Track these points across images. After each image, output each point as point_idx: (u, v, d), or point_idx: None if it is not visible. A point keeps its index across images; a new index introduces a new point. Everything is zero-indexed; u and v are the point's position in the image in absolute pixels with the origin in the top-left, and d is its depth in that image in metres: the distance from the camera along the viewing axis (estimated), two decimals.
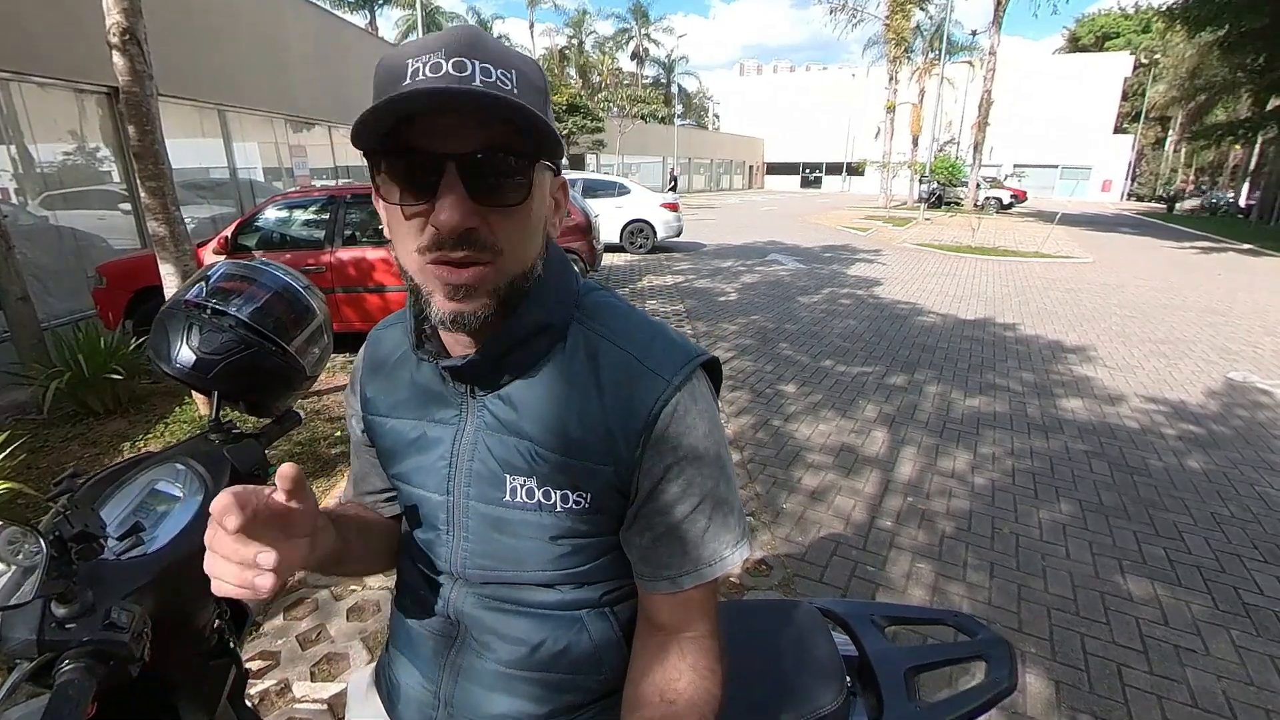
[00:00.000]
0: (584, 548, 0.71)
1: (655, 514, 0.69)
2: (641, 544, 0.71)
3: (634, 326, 0.72)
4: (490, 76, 0.56)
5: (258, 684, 2.09)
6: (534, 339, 0.68)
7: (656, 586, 0.71)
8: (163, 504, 0.96)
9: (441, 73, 0.55)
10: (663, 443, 0.66)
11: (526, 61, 0.60)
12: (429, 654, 0.79)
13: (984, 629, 1.07)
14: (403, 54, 0.57)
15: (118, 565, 0.83)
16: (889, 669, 0.99)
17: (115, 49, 3.37)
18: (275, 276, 1.13)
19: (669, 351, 0.69)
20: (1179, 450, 4.07)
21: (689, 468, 0.68)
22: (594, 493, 0.68)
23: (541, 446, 0.68)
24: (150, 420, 4.15)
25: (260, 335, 1.04)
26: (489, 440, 0.70)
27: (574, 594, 0.73)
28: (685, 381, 0.68)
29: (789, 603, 1.08)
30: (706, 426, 0.69)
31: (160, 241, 3.73)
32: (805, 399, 4.85)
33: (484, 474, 0.71)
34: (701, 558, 0.69)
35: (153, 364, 1.05)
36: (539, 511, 0.69)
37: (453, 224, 0.57)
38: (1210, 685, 2.19)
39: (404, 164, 0.58)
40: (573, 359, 0.69)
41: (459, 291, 0.60)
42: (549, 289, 0.69)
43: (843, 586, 2.67)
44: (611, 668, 0.76)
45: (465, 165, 0.57)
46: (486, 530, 0.72)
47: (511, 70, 0.57)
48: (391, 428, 0.78)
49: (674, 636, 0.72)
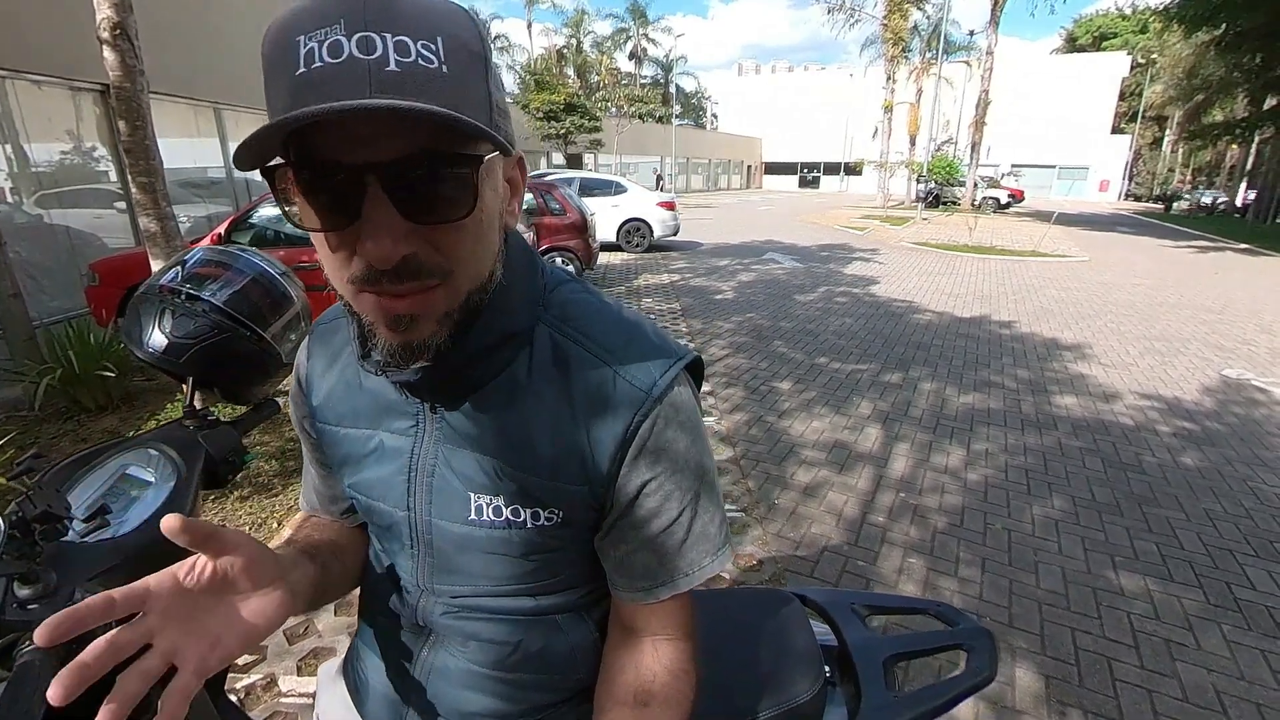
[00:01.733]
0: (555, 560, 0.68)
1: (631, 527, 0.65)
2: (616, 555, 0.67)
3: (607, 328, 0.64)
4: (408, 54, 0.44)
5: (243, 678, 2.08)
6: (497, 349, 0.61)
7: (632, 597, 0.68)
8: (134, 488, 0.95)
9: (343, 55, 0.43)
10: (640, 459, 0.62)
11: (453, 16, 0.47)
12: (397, 652, 0.76)
13: (965, 619, 1.06)
14: (293, 27, 0.44)
15: (83, 547, 0.83)
16: (868, 658, 0.98)
17: (106, 44, 3.36)
18: (252, 263, 1.13)
19: (647, 357, 0.63)
20: (1173, 447, 4.06)
21: (668, 482, 0.63)
22: (566, 509, 0.64)
23: (507, 464, 0.62)
24: (142, 417, 4.13)
25: (235, 321, 1.04)
26: (450, 455, 0.64)
27: (548, 600, 0.70)
28: (665, 391, 0.62)
29: (767, 591, 1.07)
30: (688, 439, 0.64)
31: (152, 238, 3.72)
32: (799, 396, 4.85)
33: (446, 490, 0.65)
34: (679, 569, 0.66)
35: (126, 347, 1.05)
36: (507, 529, 0.64)
37: (383, 254, 0.47)
38: (1201, 680, 2.18)
39: (314, 181, 0.47)
40: (541, 367, 0.62)
41: (402, 323, 0.52)
42: (512, 291, 0.61)
43: (834, 582, 2.66)
44: (588, 667, 0.73)
45: (390, 178, 0.46)
46: (452, 548, 0.67)
47: (435, 38, 0.45)
48: (344, 436, 0.72)
49: (648, 637, 0.69)
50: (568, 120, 24.79)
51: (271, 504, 3.07)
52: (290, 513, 2.99)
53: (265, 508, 3.04)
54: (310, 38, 0.43)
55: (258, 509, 3.02)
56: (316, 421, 0.75)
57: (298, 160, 0.47)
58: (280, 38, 0.45)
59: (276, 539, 2.93)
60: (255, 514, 2.98)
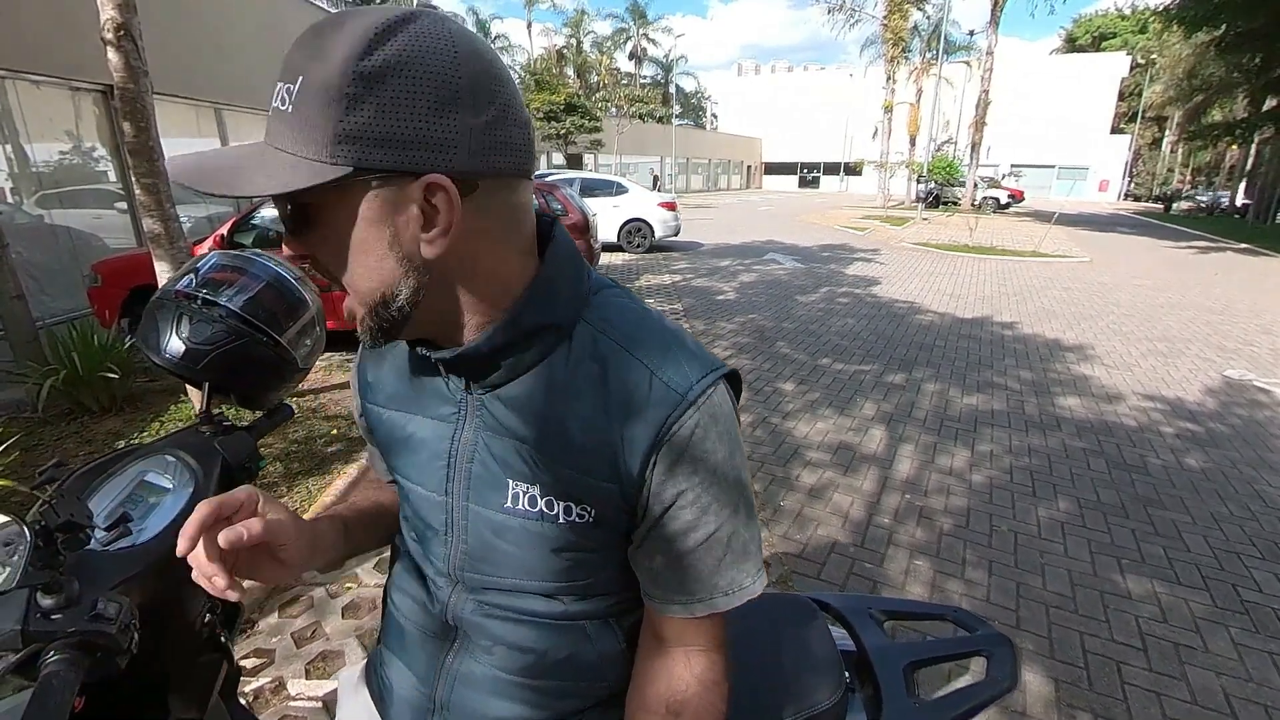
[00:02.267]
0: (588, 561, 0.67)
1: (667, 539, 0.64)
2: (652, 567, 0.67)
3: (648, 332, 0.65)
4: (283, 102, 0.53)
5: (252, 681, 2.08)
6: (536, 336, 0.63)
7: (668, 610, 0.67)
8: (153, 495, 0.95)
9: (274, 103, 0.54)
10: (677, 466, 0.61)
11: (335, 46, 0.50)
12: (424, 656, 0.76)
13: (984, 625, 1.06)
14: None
15: (105, 556, 0.82)
16: (888, 665, 0.97)
17: (110, 45, 3.35)
18: (267, 267, 1.12)
19: (687, 362, 0.62)
20: (1177, 448, 4.06)
21: (705, 494, 0.62)
22: (598, 507, 0.64)
23: (544, 454, 0.63)
24: (145, 419, 4.12)
25: (251, 326, 1.03)
26: (490, 441, 0.66)
27: (578, 605, 0.70)
28: (703, 397, 0.61)
29: (786, 596, 1.07)
30: (726, 450, 0.63)
31: (155, 239, 3.71)
32: (803, 397, 4.85)
33: (484, 477, 0.66)
34: (718, 586, 0.65)
35: (142, 353, 1.04)
36: (541, 521, 0.65)
37: (286, 253, 0.60)
38: (1210, 683, 2.18)
39: None
40: (579, 362, 0.63)
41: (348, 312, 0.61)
42: (556, 284, 0.63)
43: (840, 584, 2.66)
44: (615, 676, 0.73)
45: (278, 202, 0.57)
46: (486, 535, 0.68)
47: (296, 79, 0.51)
48: (389, 419, 0.75)
49: (681, 648, 0.69)
50: (568, 120, 24.80)
51: None
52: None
53: None
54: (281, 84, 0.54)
55: None
56: (366, 403, 0.79)
57: None
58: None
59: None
60: None
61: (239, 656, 2.19)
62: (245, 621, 2.33)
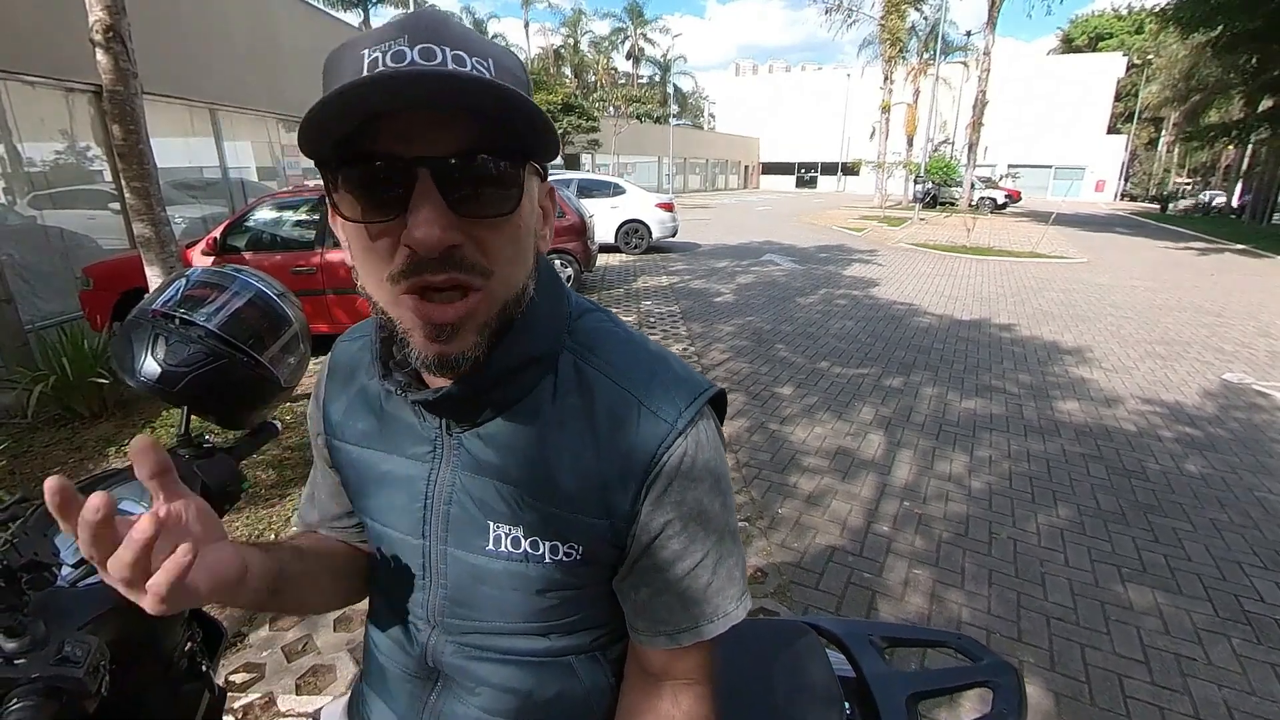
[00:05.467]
0: (574, 599, 0.65)
1: (654, 570, 0.62)
2: (638, 599, 0.65)
3: (633, 359, 0.63)
4: (465, 65, 0.47)
5: (241, 697, 2.04)
6: (520, 371, 0.60)
7: (654, 643, 0.65)
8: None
9: (406, 61, 0.46)
10: (665, 496, 0.60)
11: (502, 49, 0.52)
12: (405, 696, 0.73)
13: (989, 654, 1.03)
14: (357, 44, 0.48)
15: (73, 594, 0.79)
16: (889, 694, 0.94)
17: (99, 47, 3.31)
18: (249, 284, 1.08)
19: (673, 388, 0.61)
20: (1176, 453, 4.04)
21: (693, 523, 0.61)
22: (586, 544, 0.61)
23: (527, 494, 0.61)
24: (137, 424, 4.08)
25: (230, 346, 0.99)
26: (468, 482, 0.63)
27: (563, 641, 0.67)
28: (690, 425, 0.60)
29: (781, 622, 1.04)
30: (712, 478, 0.62)
31: (145, 243, 3.67)
32: (801, 401, 4.82)
33: (463, 519, 0.63)
34: (703, 614, 0.63)
35: (118, 376, 1.00)
36: (525, 563, 0.62)
37: (431, 241, 0.47)
38: (1212, 695, 2.16)
39: (367, 173, 0.48)
40: (564, 395, 0.61)
41: (443, 332, 0.51)
42: (539, 314, 0.60)
43: (838, 594, 2.63)
44: (604, 712, 0.71)
45: (442, 171, 0.47)
46: (467, 580, 0.65)
47: (488, 58, 0.49)
48: (358, 458, 0.70)
49: (667, 682, 0.66)
50: (565, 120, 24.76)
51: (268, 515, 3.03)
52: (287, 525, 2.95)
53: (262, 519, 2.99)
54: (374, 49, 0.47)
55: (254, 520, 2.98)
56: (331, 439, 0.73)
57: (354, 154, 0.48)
58: (343, 52, 0.49)
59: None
60: (251, 525, 2.94)
61: (229, 671, 2.15)
62: (235, 635, 2.29)
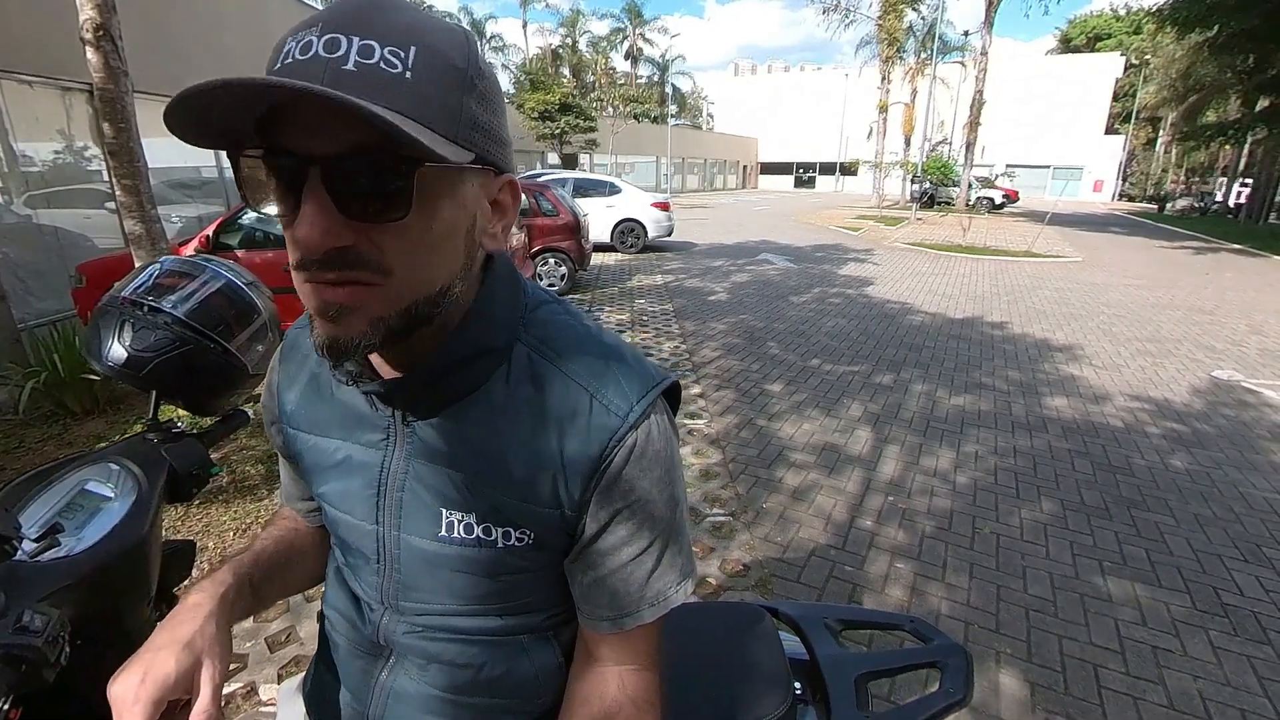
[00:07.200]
0: (525, 582, 0.67)
1: (600, 555, 0.64)
2: (584, 581, 0.66)
3: (586, 351, 0.63)
4: (371, 57, 0.45)
5: (223, 687, 2.06)
6: (473, 361, 0.60)
7: (597, 626, 0.66)
8: (93, 504, 0.93)
9: (310, 54, 0.45)
10: (615, 487, 0.61)
11: (443, 34, 0.49)
12: (357, 672, 0.75)
13: (940, 636, 1.05)
14: (289, 32, 0.48)
15: (34, 566, 0.81)
16: (839, 675, 0.96)
17: (89, 45, 3.33)
18: (218, 273, 1.11)
19: (626, 381, 0.62)
20: (1162, 449, 4.07)
21: (640, 512, 0.62)
22: (537, 531, 0.63)
23: (479, 482, 0.62)
24: (128, 421, 4.10)
25: (197, 332, 1.02)
26: (421, 470, 0.64)
27: (515, 620, 0.68)
28: (642, 418, 0.61)
29: (737, 605, 1.06)
30: (662, 469, 0.63)
31: (137, 240, 3.69)
32: (790, 398, 4.84)
33: (415, 506, 0.65)
34: (645, 598, 0.65)
35: (87, 361, 1.03)
36: (478, 548, 0.63)
37: (312, 243, 0.47)
38: (1187, 686, 2.18)
39: (268, 165, 0.48)
40: (516, 386, 0.61)
41: (330, 309, 0.50)
42: (493, 306, 0.61)
43: (820, 587, 2.65)
44: (552, 692, 0.72)
45: (329, 171, 0.46)
46: (420, 565, 0.66)
47: (407, 48, 0.46)
48: (313, 445, 0.71)
49: (613, 667, 0.68)
50: (563, 120, 24.75)
51: (256, 508, 3.04)
52: None
53: (250, 512, 3.01)
54: (293, 39, 0.46)
55: (241, 513, 3.00)
56: (286, 426, 0.74)
57: (265, 147, 0.48)
58: (278, 43, 0.48)
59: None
60: (239, 519, 2.96)
61: None
62: None
